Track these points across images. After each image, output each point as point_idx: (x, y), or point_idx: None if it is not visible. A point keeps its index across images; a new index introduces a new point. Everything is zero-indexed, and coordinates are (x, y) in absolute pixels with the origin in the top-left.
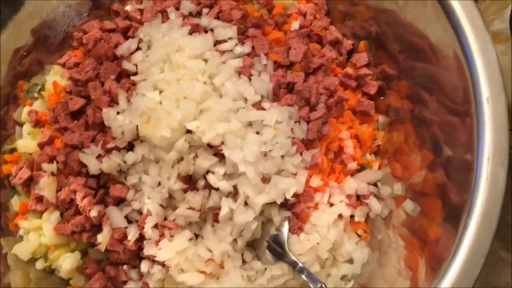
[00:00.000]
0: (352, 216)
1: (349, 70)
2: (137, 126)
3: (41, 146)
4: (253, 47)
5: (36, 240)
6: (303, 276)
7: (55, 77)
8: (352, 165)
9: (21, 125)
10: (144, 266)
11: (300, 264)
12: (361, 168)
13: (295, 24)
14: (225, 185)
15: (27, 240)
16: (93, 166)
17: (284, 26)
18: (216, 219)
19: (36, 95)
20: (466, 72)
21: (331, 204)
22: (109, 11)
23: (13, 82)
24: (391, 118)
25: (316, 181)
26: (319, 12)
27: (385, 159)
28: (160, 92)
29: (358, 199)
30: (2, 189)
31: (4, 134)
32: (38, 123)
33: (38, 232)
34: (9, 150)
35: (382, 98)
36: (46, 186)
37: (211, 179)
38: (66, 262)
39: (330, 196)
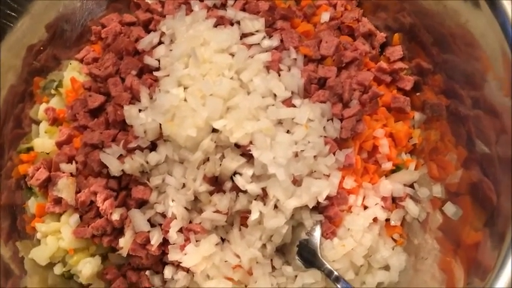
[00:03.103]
0: (387, 220)
1: (383, 64)
2: (160, 124)
3: (59, 145)
4: (281, 40)
5: (55, 244)
6: (338, 286)
7: (73, 73)
8: (387, 165)
9: (37, 123)
10: (168, 271)
11: (336, 273)
12: (397, 168)
13: (325, 16)
14: (253, 188)
15: (45, 244)
16: (115, 167)
17: (313, 17)
18: (243, 223)
19: (53, 91)
20: None
21: (365, 207)
22: (128, 4)
23: (28, 79)
24: (428, 115)
25: (349, 182)
26: (351, 3)
27: (421, 159)
28: (185, 89)
29: (394, 201)
30: (18, 190)
31: (20, 133)
32: (55, 121)
33: (56, 236)
34: (26, 150)
35: (418, 93)
36: (65, 187)
37: (239, 181)
38: (86, 267)
39: (364, 198)
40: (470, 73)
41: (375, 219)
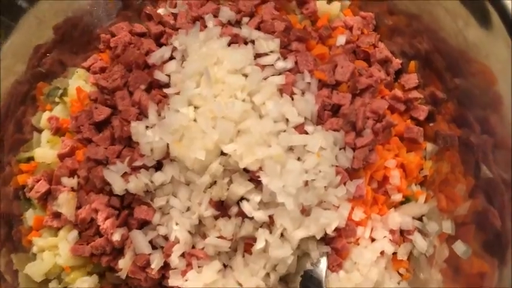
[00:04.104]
0: (394, 253)
1: (398, 92)
2: (168, 144)
3: (61, 157)
4: (296, 63)
5: (51, 260)
6: None
7: (79, 82)
8: (397, 197)
9: (39, 131)
10: None
11: None
12: (406, 200)
13: (341, 39)
14: (260, 215)
15: (41, 260)
16: (119, 186)
17: (329, 40)
18: (247, 250)
19: (57, 99)
20: None
21: (373, 239)
22: (139, 12)
23: (32, 81)
24: (440, 146)
25: (359, 214)
26: (367, 27)
27: (430, 191)
28: (195, 109)
29: (402, 234)
30: (16, 200)
31: (21, 138)
32: (58, 131)
33: (53, 251)
34: (26, 159)
35: (431, 124)
36: (65, 202)
37: (246, 207)
38: (83, 286)
39: (372, 230)
40: (483, 96)
41: (382, 253)
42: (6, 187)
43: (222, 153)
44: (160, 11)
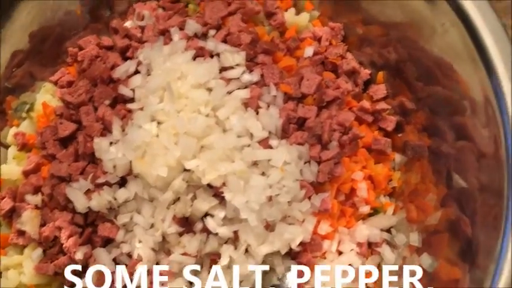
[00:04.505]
0: None
1: (365, 104)
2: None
3: (26, 174)
4: (262, 75)
5: (16, 279)
6: None
7: (46, 96)
8: (365, 209)
9: (6, 146)
10: None
11: None
12: (374, 212)
13: (308, 51)
14: (225, 231)
15: (6, 278)
16: (81, 204)
17: (296, 51)
18: (212, 266)
19: (24, 114)
20: (497, 118)
21: (340, 253)
22: (108, 25)
23: (2, 94)
24: (408, 157)
25: (325, 228)
26: (336, 38)
27: (400, 202)
28: (159, 124)
29: (370, 247)
30: None
31: None
32: (24, 147)
33: (18, 270)
34: None
35: (399, 134)
36: (29, 220)
37: (210, 223)
38: None
39: (339, 243)
40: (453, 103)
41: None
42: None
43: (186, 169)
44: (128, 23)
